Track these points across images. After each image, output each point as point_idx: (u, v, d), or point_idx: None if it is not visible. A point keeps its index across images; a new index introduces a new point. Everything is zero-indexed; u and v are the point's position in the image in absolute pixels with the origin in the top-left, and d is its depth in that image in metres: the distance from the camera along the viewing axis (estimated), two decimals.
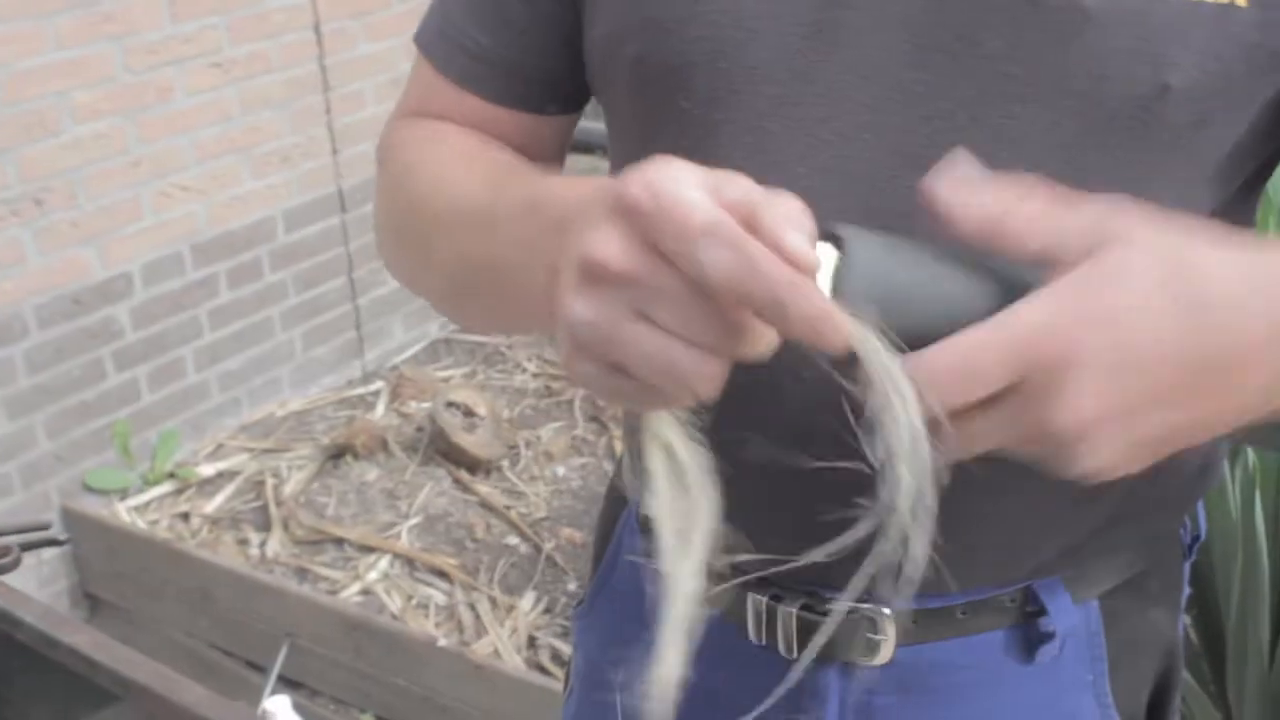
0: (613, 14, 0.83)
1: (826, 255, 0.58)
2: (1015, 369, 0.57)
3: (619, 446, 3.07)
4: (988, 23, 0.73)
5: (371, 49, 3.35)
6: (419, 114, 0.98)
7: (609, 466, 3.03)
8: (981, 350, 0.56)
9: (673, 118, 0.81)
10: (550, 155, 1.00)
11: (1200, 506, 0.98)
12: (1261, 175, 0.83)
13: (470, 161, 0.87)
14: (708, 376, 0.59)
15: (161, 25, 2.88)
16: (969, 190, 0.61)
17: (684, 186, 0.58)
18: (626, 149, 0.89)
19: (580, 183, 0.69)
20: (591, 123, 1.01)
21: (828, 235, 0.59)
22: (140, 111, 2.89)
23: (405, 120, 0.99)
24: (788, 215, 0.57)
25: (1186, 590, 0.99)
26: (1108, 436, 0.59)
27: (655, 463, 0.64)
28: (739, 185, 0.59)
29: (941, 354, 0.56)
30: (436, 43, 0.95)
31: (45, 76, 2.70)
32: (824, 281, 0.57)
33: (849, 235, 0.59)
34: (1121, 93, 0.72)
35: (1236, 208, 0.82)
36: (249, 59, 3.08)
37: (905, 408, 0.57)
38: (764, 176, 0.77)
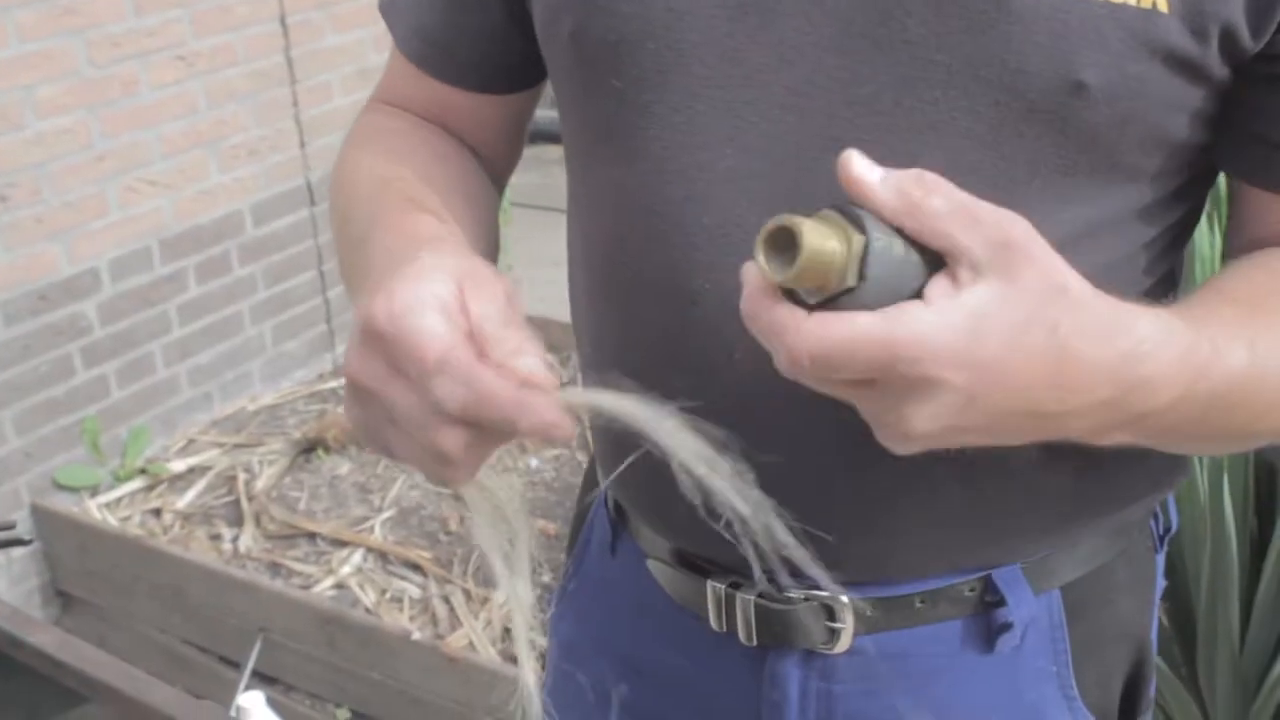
0: None
1: (856, 239, 0.61)
2: (884, 371, 0.61)
3: (591, 438, 3.06)
4: (910, 9, 0.73)
5: (338, 40, 3.33)
6: (389, 94, 1.00)
7: (582, 458, 3.03)
8: (864, 345, 0.60)
9: (607, 96, 0.82)
10: (505, 134, 1.00)
11: (1171, 499, 0.98)
12: (1199, 182, 0.83)
13: (384, 180, 0.89)
14: (456, 477, 0.67)
15: (124, 18, 2.86)
16: (882, 174, 0.64)
17: (421, 315, 0.64)
18: (571, 127, 0.90)
19: (405, 254, 0.72)
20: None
21: (846, 213, 0.62)
22: (105, 106, 2.87)
23: (371, 108, 1.01)
24: (519, 343, 0.65)
25: (1161, 583, 0.99)
26: (931, 442, 0.65)
27: (472, 499, 0.71)
28: (478, 306, 0.66)
29: (829, 334, 0.60)
30: (397, 16, 0.97)
31: (7, 71, 2.67)
32: (853, 265, 0.61)
33: (870, 226, 0.62)
34: (1037, 86, 0.73)
35: (1168, 209, 0.83)
36: (214, 52, 3.06)
37: (674, 442, 0.65)
38: (693, 157, 0.79)
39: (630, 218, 0.83)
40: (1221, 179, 0.86)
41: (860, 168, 0.63)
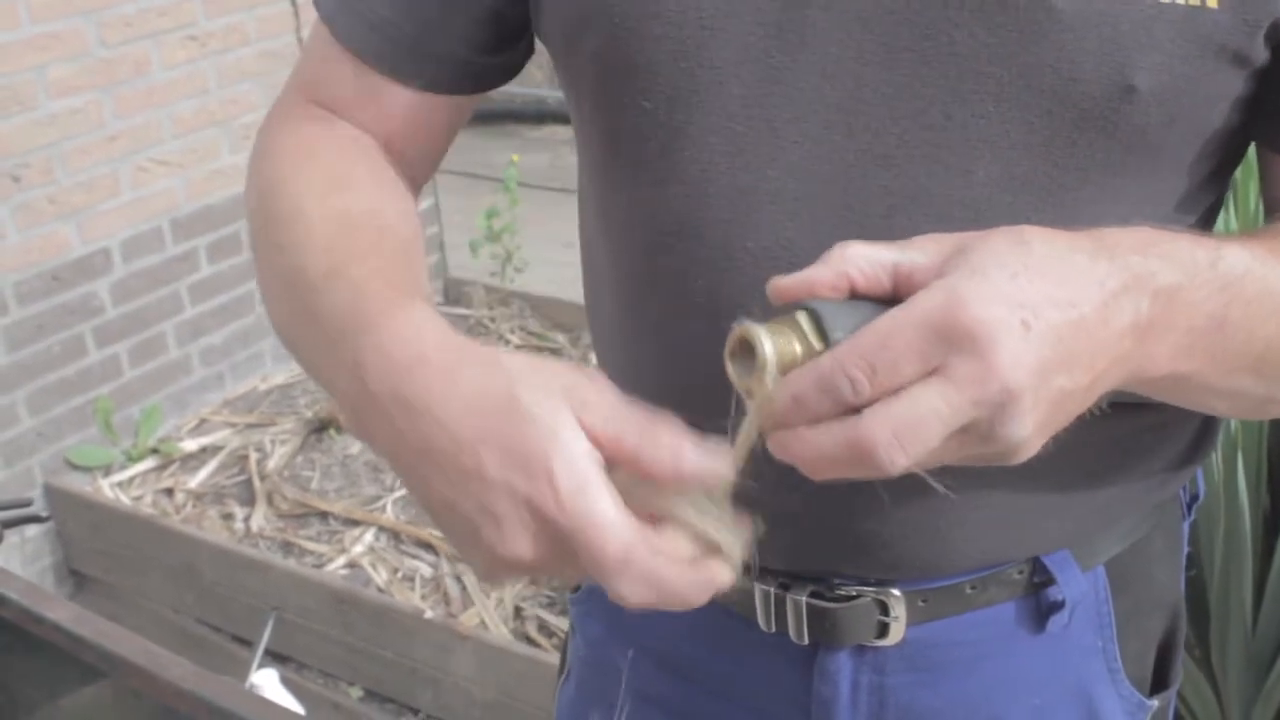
0: (567, 2, 0.80)
1: (803, 318, 0.62)
2: (933, 346, 0.59)
3: None
4: (956, 21, 0.72)
5: None
6: (313, 90, 0.92)
7: None
8: (897, 333, 0.59)
9: (637, 117, 0.79)
10: (441, 135, 0.94)
11: (1199, 469, 0.98)
12: (1229, 164, 0.82)
13: (324, 204, 0.81)
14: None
15: None
16: (807, 274, 0.63)
17: (595, 500, 0.61)
18: (593, 146, 0.87)
19: (420, 344, 0.69)
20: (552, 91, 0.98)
21: (796, 308, 0.62)
22: (117, 86, 2.87)
23: (290, 112, 0.93)
24: (663, 433, 0.63)
25: (1186, 549, 0.99)
26: (1032, 399, 0.60)
27: None
28: (603, 422, 0.62)
29: (860, 345, 0.59)
30: (338, 9, 0.89)
31: (19, 52, 2.67)
32: (810, 330, 0.61)
33: (816, 304, 0.63)
34: (1089, 93, 0.71)
35: (1202, 196, 0.82)
36: (225, 31, 3.06)
37: None
38: (734, 179, 0.77)
39: (667, 241, 0.81)
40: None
41: (783, 282, 0.63)
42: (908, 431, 0.58)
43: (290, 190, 0.84)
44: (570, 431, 0.61)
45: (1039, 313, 0.59)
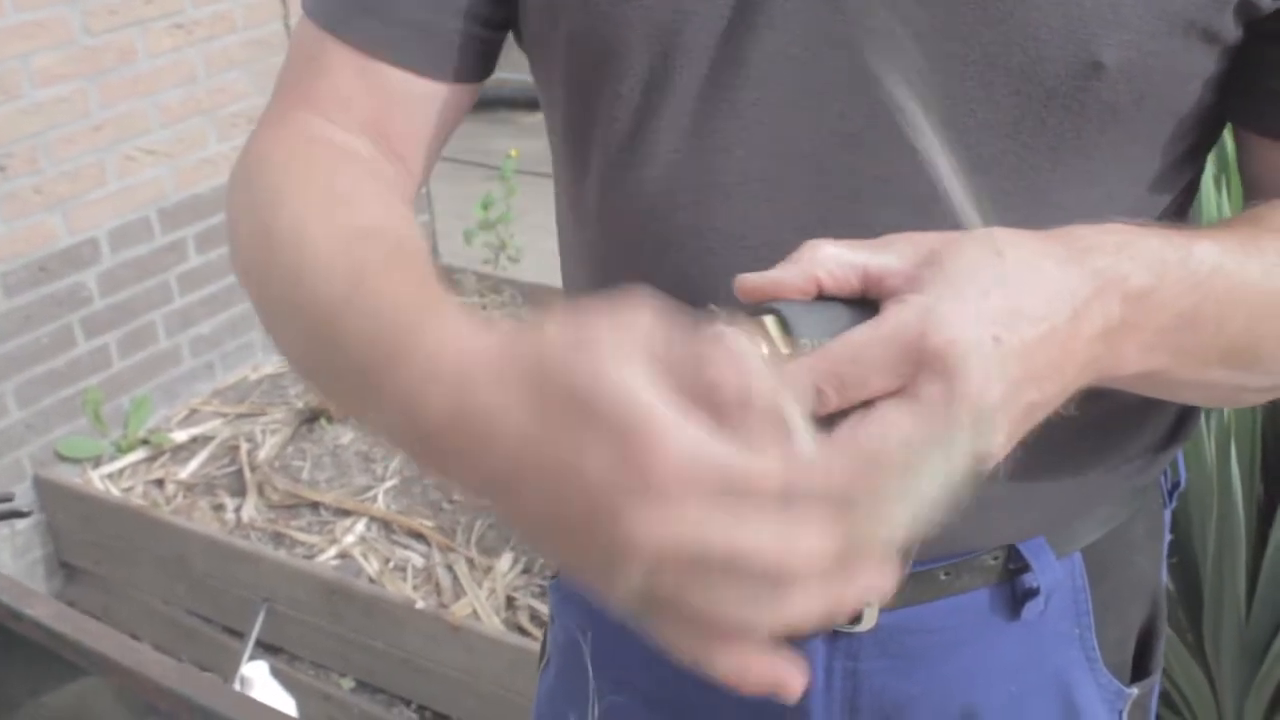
0: None
1: (770, 322, 0.60)
2: (904, 364, 0.57)
3: None
4: (922, 1, 0.71)
5: None
6: (304, 93, 0.87)
7: None
8: (865, 348, 0.57)
9: (609, 101, 0.79)
10: (440, 133, 0.90)
11: (1179, 454, 0.98)
12: (1204, 143, 0.82)
13: (330, 223, 0.73)
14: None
15: None
16: (775, 275, 0.61)
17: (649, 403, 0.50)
18: (565, 130, 0.86)
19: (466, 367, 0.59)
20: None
21: (763, 309, 0.61)
22: (102, 75, 2.85)
23: (280, 119, 0.88)
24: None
25: (1168, 536, 0.99)
26: (1001, 416, 0.59)
27: None
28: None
29: (829, 357, 0.57)
30: (334, 4, 0.85)
31: (3, 40, 2.65)
32: (776, 335, 0.60)
33: (782, 305, 0.61)
34: (1056, 71, 0.71)
35: (1177, 175, 0.81)
36: (212, 20, 3.04)
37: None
38: (703, 161, 0.77)
39: (639, 225, 0.81)
40: (1228, 143, 0.85)
41: (750, 281, 0.60)
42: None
43: (290, 208, 0.76)
44: (635, 378, 0.51)
45: (1011, 328, 0.58)
